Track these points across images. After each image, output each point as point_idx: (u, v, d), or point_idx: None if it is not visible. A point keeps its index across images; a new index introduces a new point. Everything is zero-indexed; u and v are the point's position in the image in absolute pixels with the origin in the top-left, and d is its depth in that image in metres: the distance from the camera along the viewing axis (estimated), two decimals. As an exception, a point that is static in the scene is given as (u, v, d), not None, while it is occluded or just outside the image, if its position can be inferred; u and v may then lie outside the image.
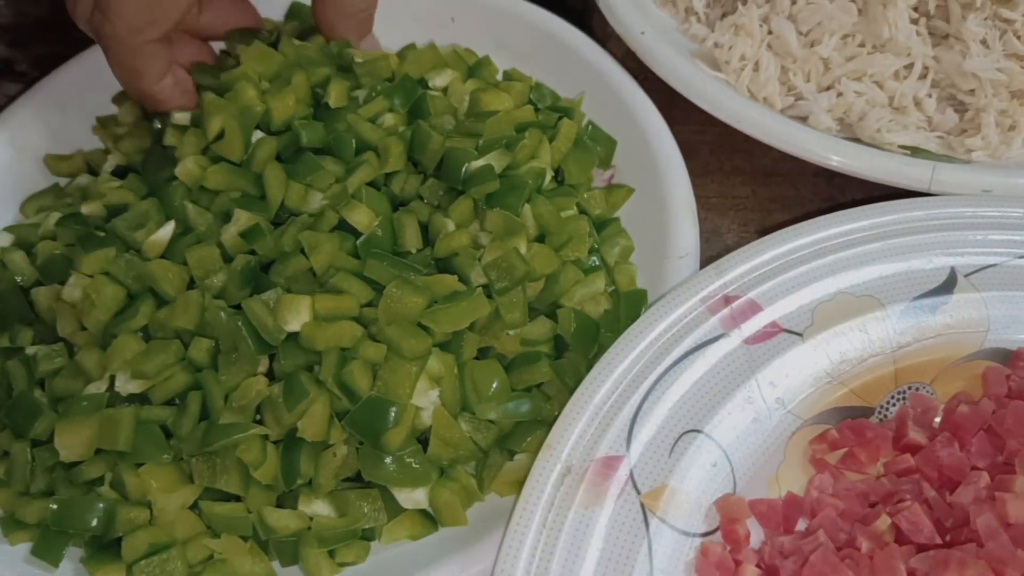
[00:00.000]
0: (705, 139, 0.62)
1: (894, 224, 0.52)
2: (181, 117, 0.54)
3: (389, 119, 0.54)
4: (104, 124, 0.60)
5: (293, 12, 0.64)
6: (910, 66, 0.59)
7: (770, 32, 0.60)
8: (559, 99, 0.59)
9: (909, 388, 0.49)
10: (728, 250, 0.57)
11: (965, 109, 0.59)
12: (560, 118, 0.56)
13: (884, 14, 0.58)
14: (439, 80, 0.58)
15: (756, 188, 0.60)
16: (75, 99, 0.61)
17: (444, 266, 0.49)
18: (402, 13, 0.64)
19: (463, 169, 0.50)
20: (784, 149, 0.55)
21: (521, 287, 0.47)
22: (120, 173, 0.57)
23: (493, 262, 0.47)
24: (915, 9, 0.60)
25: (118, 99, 0.61)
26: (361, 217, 0.49)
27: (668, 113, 0.57)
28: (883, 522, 0.43)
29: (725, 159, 0.61)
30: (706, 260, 0.51)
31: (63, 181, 0.60)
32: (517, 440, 0.46)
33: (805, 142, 0.55)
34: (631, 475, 0.44)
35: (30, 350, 0.49)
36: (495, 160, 0.51)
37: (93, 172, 0.59)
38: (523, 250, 0.48)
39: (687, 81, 0.57)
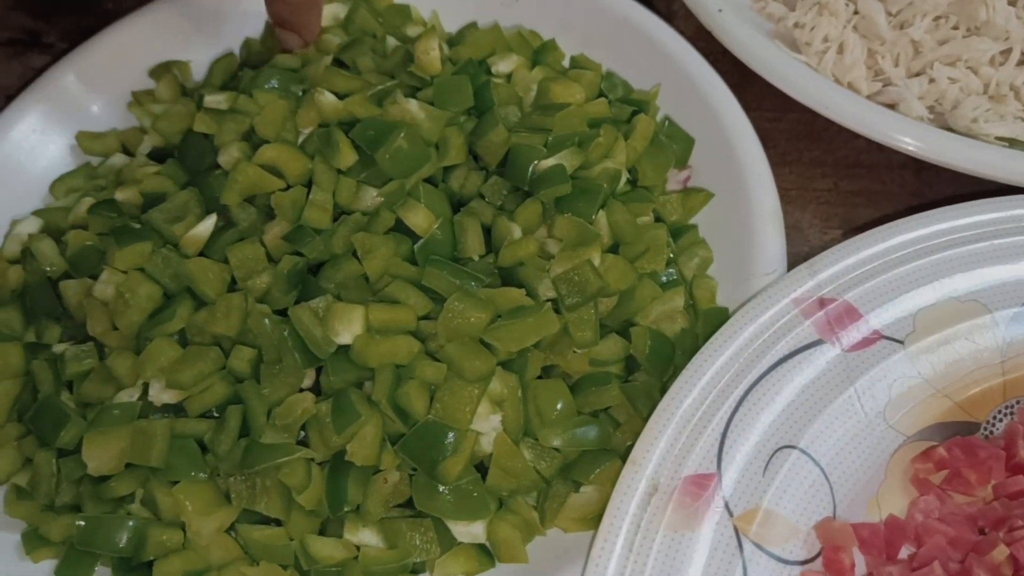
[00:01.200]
0: (782, 127, 0.57)
1: (1001, 223, 0.47)
2: (214, 100, 0.50)
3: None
4: (140, 101, 0.56)
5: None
6: (1007, 51, 0.54)
7: (856, 12, 0.56)
8: (631, 90, 0.54)
9: (1018, 402, 0.44)
10: (811, 247, 0.53)
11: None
12: (635, 112, 0.52)
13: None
14: (503, 66, 0.53)
15: (838, 180, 0.55)
16: (109, 73, 0.57)
17: (508, 276, 0.44)
18: (464, -6, 0.59)
19: (531, 168, 0.46)
20: (875, 138, 0.50)
21: (593, 303, 0.43)
22: (158, 156, 0.53)
23: (563, 275, 0.43)
24: (1015, -11, 0.55)
25: (156, 72, 0.57)
26: (419, 219, 0.44)
27: (741, 98, 0.53)
28: (1000, 552, 0.39)
29: (804, 149, 0.57)
30: (789, 258, 0.47)
31: (95, 160, 0.56)
32: (583, 470, 0.42)
33: (899, 131, 0.50)
34: (723, 495, 0.41)
35: (58, 348, 0.46)
36: (566, 159, 0.46)
37: (128, 153, 0.55)
38: (596, 262, 0.44)
39: (767, 63, 0.52)
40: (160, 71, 0.57)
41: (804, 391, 0.42)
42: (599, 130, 0.48)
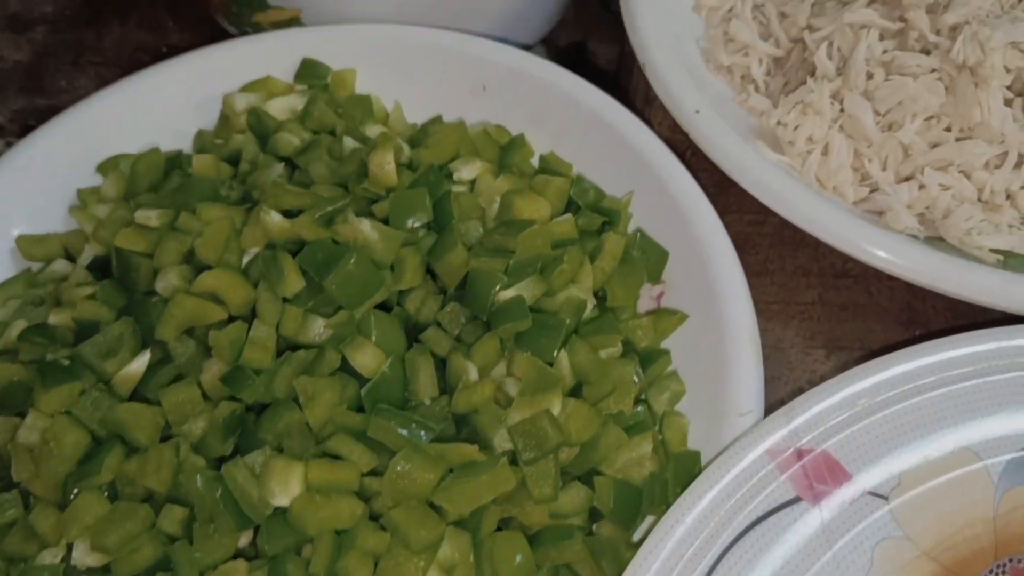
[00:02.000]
0: (764, 231, 0.54)
1: (995, 358, 0.44)
2: (145, 216, 0.47)
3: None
4: (85, 202, 0.53)
5: (305, 71, 0.56)
6: (1003, 154, 0.51)
7: (842, 111, 0.52)
8: (603, 196, 0.51)
9: (1011, 560, 0.41)
10: (792, 370, 0.50)
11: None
12: (605, 224, 0.49)
13: (975, 94, 0.50)
14: (466, 172, 0.50)
15: (823, 292, 0.52)
16: (57, 167, 0.54)
17: (462, 421, 0.41)
18: (428, 77, 0.56)
19: (490, 299, 0.43)
20: (859, 257, 0.47)
21: (553, 456, 0.40)
22: (101, 265, 0.49)
23: (520, 426, 0.40)
24: (1009, 87, 0.51)
25: (104, 167, 0.54)
26: (367, 359, 0.41)
27: (721, 197, 0.50)
28: None
29: (788, 256, 0.53)
30: (769, 383, 0.44)
31: (36, 266, 0.52)
32: (543, 636, 0.39)
33: (884, 250, 0.46)
34: None
35: (-18, 491, 0.43)
36: (527, 289, 0.43)
37: (71, 258, 0.52)
38: (556, 410, 0.40)
39: (746, 170, 0.48)
40: (108, 166, 0.54)
41: (779, 558, 0.39)
42: (564, 255, 0.45)
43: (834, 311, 0.51)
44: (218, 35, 0.65)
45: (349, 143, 0.51)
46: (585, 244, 0.47)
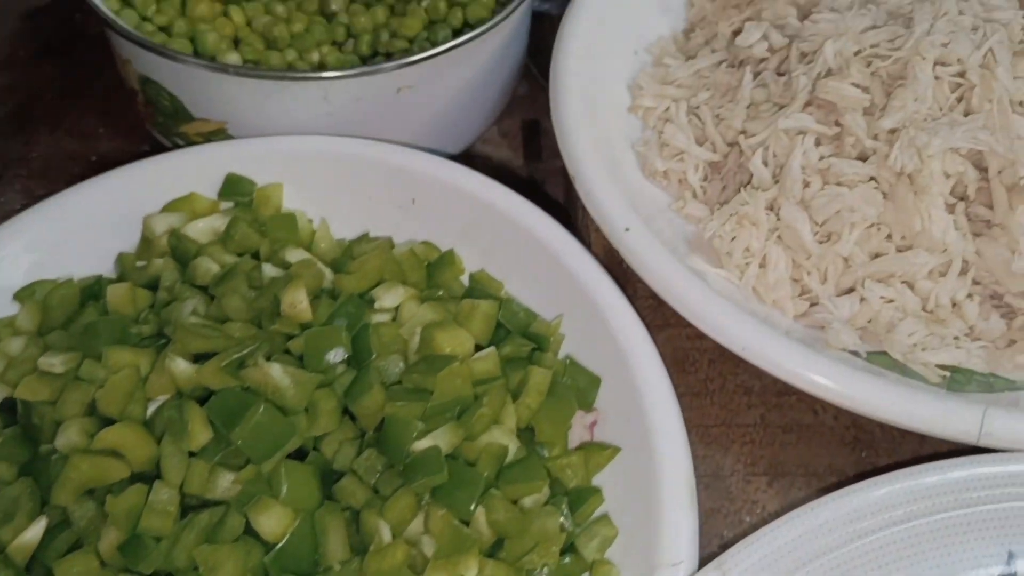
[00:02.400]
0: (704, 346, 0.52)
1: (937, 494, 0.42)
2: (48, 363, 0.45)
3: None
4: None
5: (229, 187, 0.54)
6: (948, 262, 0.49)
7: (780, 219, 0.50)
8: (533, 319, 0.49)
9: None
10: (731, 500, 0.48)
11: (1014, 315, 0.49)
12: (533, 352, 0.47)
13: (915, 203, 0.48)
14: (388, 299, 0.48)
15: (766, 412, 0.50)
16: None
17: (375, 585, 0.39)
18: (357, 191, 0.54)
19: (405, 449, 0.41)
20: (796, 385, 0.45)
21: (469, 625, 0.38)
22: (9, 407, 0.47)
23: (434, 594, 0.38)
24: (951, 191, 0.49)
25: (21, 294, 0.52)
26: (272, 523, 0.39)
27: (661, 311, 0.48)
28: None
29: (729, 373, 0.51)
30: (705, 515, 0.42)
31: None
32: None
33: (824, 376, 0.44)
34: None
35: None
36: (445, 437, 0.41)
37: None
38: (472, 574, 0.38)
39: (678, 293, 0.47)
40: (24, 294, 0.52)
41: None
42: (485, 396, 0.43)
43: (777, 433, 0.49)
44: (149, 143, 0.63)
45: (269, 271, 0.49)
46: (511, 376, 0.45)
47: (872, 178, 0.49)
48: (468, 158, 0.65)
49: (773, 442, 0.49)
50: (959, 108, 0.50)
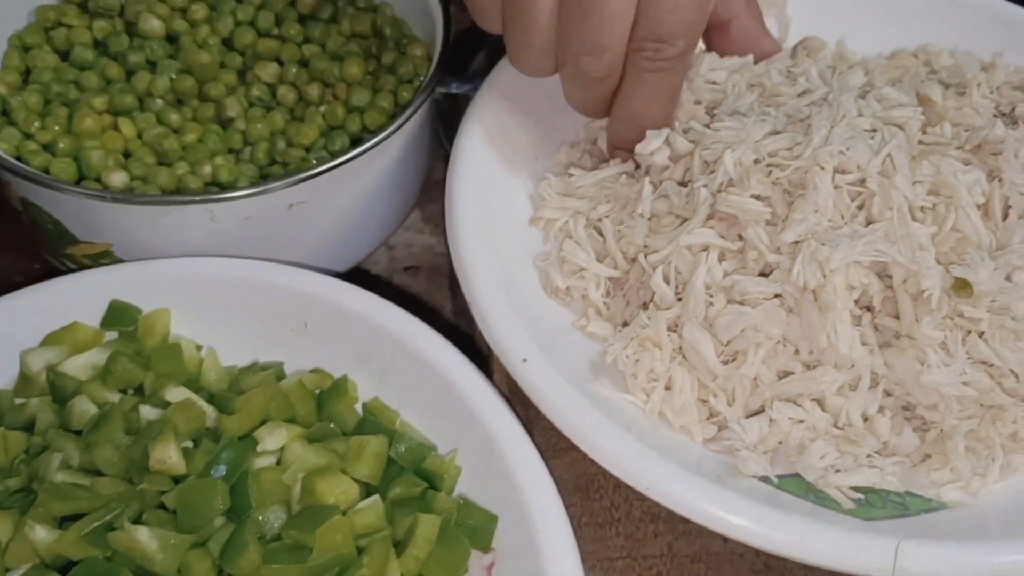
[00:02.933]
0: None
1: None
2: None
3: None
4: None
5: (112, 316, 0.52)
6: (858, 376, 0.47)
7: (683, 339, 0.48)
8: (427, 453, 0.47)
9: None
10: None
11: (927, 428, 0.48)
12: (425, 491, 0.45)
13: (821, 320, 0.47)
14: (271, 441, 0.46)
15: (673, 541, 0.48)
16: None
17: None
18: (248, 314, 0.52)
19: (279, 618, 0.38)
20: (701, 523, 0.43)
21: None
22: None
23: None
24: (857, 301, 0.48)
25: None
26: None
27: (564, 437, 0.45)
28: None
29: (635, 499, 0.49)
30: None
31: None
32: None
33: (730, 516, 0.42)
34: None
35: None
36: (321, 604, 0.39)
37: None
38: None
39: (578, 428, 0.45)
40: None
41: None
42: (365, 556, 0.40)
43: (685, 563, 0.47)
44: (39, 261, 0.61)
45: (147, 413, 0.47)
46: (399, 524, 0.43)
47: (777, 295, 0.48)
48: (388, 248, 0.64)
49: (681, 574, 0.47)
50: (860, 216, 0.49)
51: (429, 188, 0.64)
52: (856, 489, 0.45)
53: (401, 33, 0.64)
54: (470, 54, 0.74)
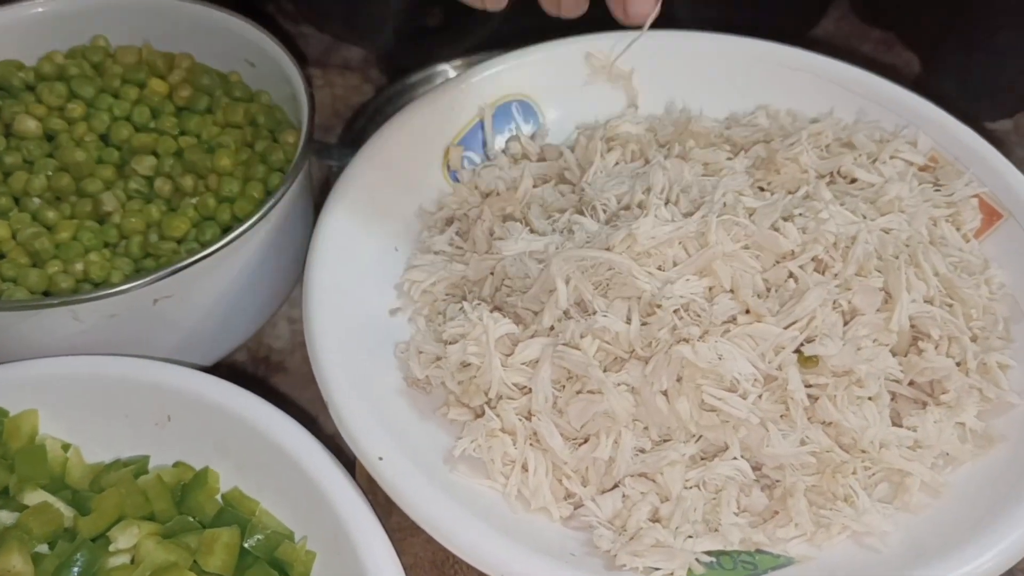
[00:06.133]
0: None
1: None
2: None
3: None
4: None
5: None
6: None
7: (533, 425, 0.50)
8: (279, 542, 0.48)
9: None
10: None
11: (773, 486, 0.49)
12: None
13: (665, 403, 0.48)
14: (123, 540, 0.46)
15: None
16: None
17: None
18: (113, 410, 0.53)
19: None
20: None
21: None
22: None
23: None
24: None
25: None
26: None
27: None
28: None
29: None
30: None
31: None
32: None
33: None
34: None
35: None
36: None
37: None
38: None
39: (436, 522, 0.45)
40: None
41: None
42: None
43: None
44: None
45: (4, 518, 0.47)
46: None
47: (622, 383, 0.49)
48: (291, 321, 0.66)
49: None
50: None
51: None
52: (708, 553, 0.47)
53: (275, 120, 0.66)
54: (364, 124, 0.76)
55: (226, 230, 0.59)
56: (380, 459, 0.47)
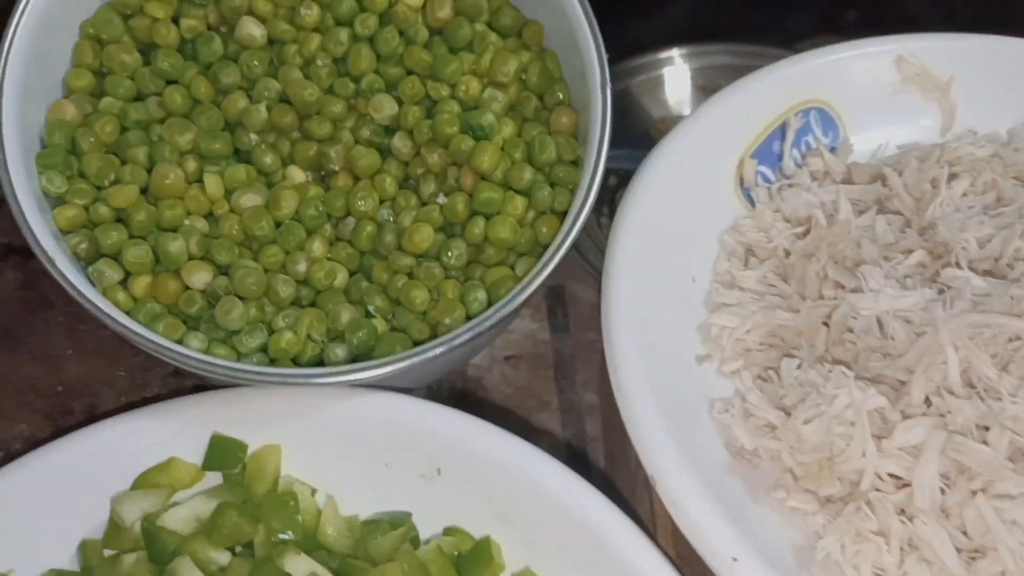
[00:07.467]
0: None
1: None
2: None
3: None
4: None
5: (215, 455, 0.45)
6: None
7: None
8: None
9: None
10: None
11: None
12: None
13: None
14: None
15: None
16: None
17: None
18: (374, 460, 0.45)
19: None
20: None
21: None
22: None
23: None
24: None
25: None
26: None
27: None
28: None
29: None
30: None
31: None
32: None
33: None
34: None
35: None
36: None
37: None
38: None
39: None
40: None
41: None
42: None
43: None
44: (125, 364, 0.54)
45: None
46: None
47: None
48: None
49: None
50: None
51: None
52: None
53: (549, 80, 0.47)
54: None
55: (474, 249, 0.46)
56: (734, 560, 0.38)
